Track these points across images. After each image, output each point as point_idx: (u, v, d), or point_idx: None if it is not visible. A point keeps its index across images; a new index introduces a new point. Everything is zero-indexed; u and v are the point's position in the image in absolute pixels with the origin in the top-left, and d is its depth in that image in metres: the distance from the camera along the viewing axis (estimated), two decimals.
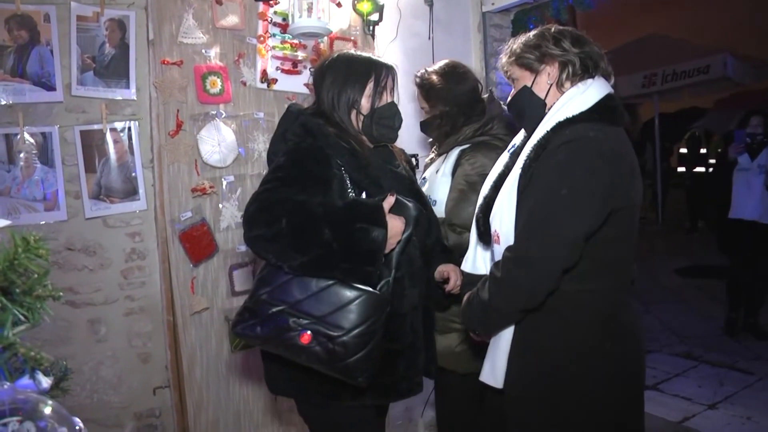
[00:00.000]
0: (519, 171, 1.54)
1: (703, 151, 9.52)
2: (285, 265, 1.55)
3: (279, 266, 1.57)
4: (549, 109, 1.59)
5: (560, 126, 1.51)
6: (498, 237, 1.59)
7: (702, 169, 9.17)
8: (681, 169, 10.07)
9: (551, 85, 1.60)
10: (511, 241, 1.52)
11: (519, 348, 1.59)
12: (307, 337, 1.53)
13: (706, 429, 3.29)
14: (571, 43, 1.57)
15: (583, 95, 1.54)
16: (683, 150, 9.98)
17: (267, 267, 1.63)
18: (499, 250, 1.57)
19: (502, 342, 1.62)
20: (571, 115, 1.51)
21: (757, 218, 4.48)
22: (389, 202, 1.61)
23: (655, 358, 4.32)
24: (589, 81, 1.57)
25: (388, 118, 1.76)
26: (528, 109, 1.65)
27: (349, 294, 1.54)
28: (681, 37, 9.27)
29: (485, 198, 1.71)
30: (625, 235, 1.54)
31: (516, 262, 1.48)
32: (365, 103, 1.74)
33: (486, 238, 1.69)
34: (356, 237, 1.53)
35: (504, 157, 1.76)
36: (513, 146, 1.75)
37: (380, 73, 1.75)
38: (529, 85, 1.63)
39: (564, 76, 1.58)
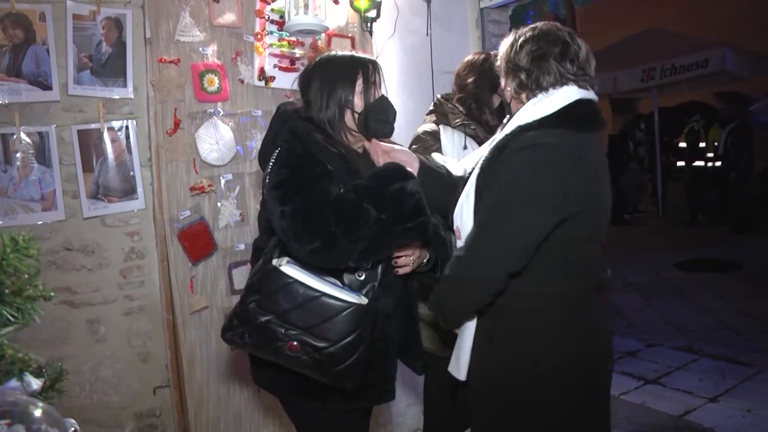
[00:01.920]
0: (477, 170, 1.59)
1: (702, 144, 9.52)
2: (350, 262, 1.57)
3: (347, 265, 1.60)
4: (515, 112, 1.63)
5: (520, 131, 1.54)
6: (459, 233, 1.63)
7: (701, 163, 9.16)
8: (680, 163, 10.07)
9: (510, 94, 1.66)
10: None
11: (478, 344, 1.64)
12: (294, 346, 1.54)
13: (708, 422, 3.29)
14: (530, 58, 1.58)
15: (547, 101, 1.55)
16: (682, 144, 9.98)
17: (257, 274, 1.63)
18: (460, 245, 1.60)
19: (466, 337, 1.67)
20: (531, 120, 1.53)
21: None
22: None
23: (656, 352, 4.32)
24: (557, 88, 1.57)
25: (382, 113, 1.76)
26: (507, 108, 1.73)
27: (336, 306, 1.54)
28: (679, 31, 9.25)
29: (458, 193, 1.73)
30: (585, 239, 1.55)
31: (463, 261, 1.53)
32: (358, 101, 1.73)
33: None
34: (397, 198, 1.55)
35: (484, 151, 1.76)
36: (493, 140, 1.73)
37: (367, 69, 1.75)
38: (503, 86, 1.70)
39: (518, 89, 1.62)
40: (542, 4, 3.25)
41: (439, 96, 2.46)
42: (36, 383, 0.93)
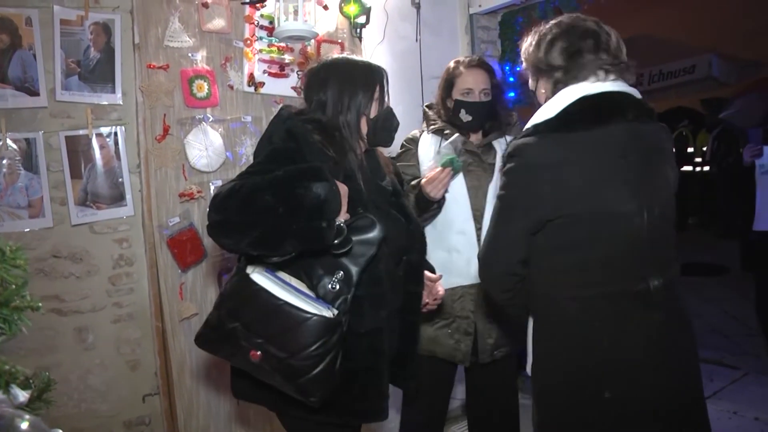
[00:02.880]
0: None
1: (690, 150, 9.60)
2: (242, 249, 1.52)
3: (239, 251, 1.59)
4: None
5: (521, 136, 1.56)
6: None
7: (689, 168, 9.24)
8: None
9: (546, 95, 1.62)
10: None
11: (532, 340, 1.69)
12: (257, 355, 1.50)
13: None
14: (565, 56, 1.55)
15: (549, 105, 1.54)
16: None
17: (230, 281, 1.63)
18: None
19: (528, 336, 1.72)
20: (529, 126, 1.56)
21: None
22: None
23: None
24: (562, 89, 1.54)
25: (389, 122, 1.79)
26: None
27: (297, 316, 1.49)
28: (667, 37, 9.33)
29: None
30: (582, 243, 1.49)
31: (479, 261, 1.67)
32: (374, 108, 1.76)
33: None
34: (299, 196, 1.47)
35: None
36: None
37: (383, 77, 1.79)
38: (533, 89, 1.70)
39: (555, 88, 1.59)
40: (531, 11, 3.27)
41: (425, 104, 2.51)
42: (23, 395, 0.91)
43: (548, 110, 1.53)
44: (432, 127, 2.38)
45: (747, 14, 9.47)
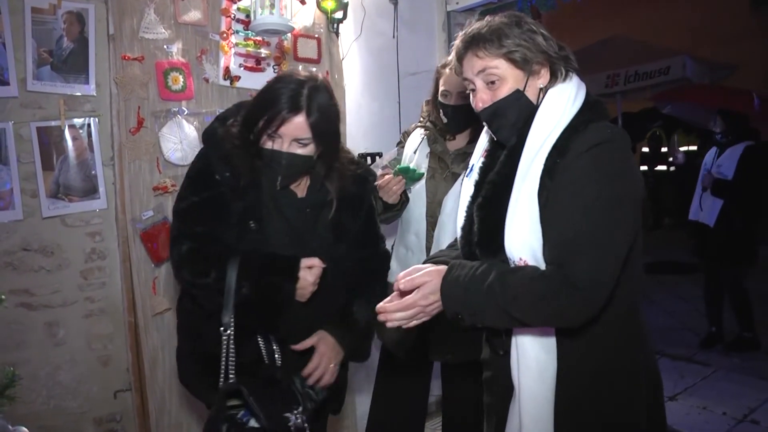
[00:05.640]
0: (533, 187, 1.29)
1: (663, 149, 9.75)
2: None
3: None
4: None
5: (575, 128, 1.32)
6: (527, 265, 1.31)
7: (663, 168, 9.39)
8: (643, 167, 10.30)
9: (541, 89, 1.39)
10: (542, 265, 1.28)
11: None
12: None
13: (667, 420, 3.38)
14: (557, 45, 1.38)
15: (575, 92, 1.38)
16: (645, 149, 10.21)
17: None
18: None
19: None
20: (577, 113, 1.34)
21: (698, 219, 4.52)
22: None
23: None
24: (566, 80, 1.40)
25: (269, 163, 1.69)
26: (518, 118, 1.38)
27: None
28: (642, 38, 9.46)
29: (464, 228, 1.47)
30: (638, 240, 1.35)
31: (566, 282, 1.21)
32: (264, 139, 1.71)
33: None
34: (271, 288, 1.61)
35: (466, 183, 1.54)
36: (471, 168, 1.55)
37: (277, 111, 1.64)
38: (521, 88, 1.37)
39: (551, 83, 1.39)
40: (509, 9, 3.29)
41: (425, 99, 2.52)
42: None
43: (575, 99, 1.38)
44: (419, 123, 2.42)
45: (717, 17, 9.64)
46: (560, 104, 1.35)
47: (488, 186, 1.42)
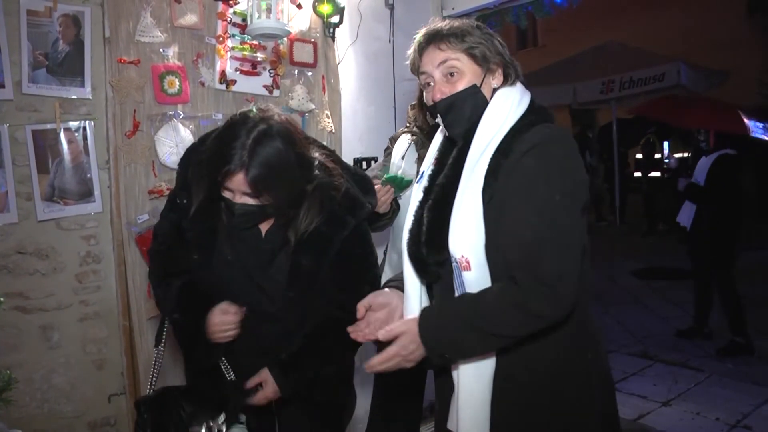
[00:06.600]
0: (477, 186, 1.32)
1: (657, 156, 9.79)
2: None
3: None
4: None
5: (519, 129, 1.36)
6: (468, 263, 1.32)
7: (658, 174, 9.42)
8: (637, 174, 10.35)
9: (494, 89, 1.44)
10: (484, 266, 1.30)
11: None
12: None
13: (660, 425, 3.40)
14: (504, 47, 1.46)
15: (520, 96, 1.43)
16: (639, 156, 10.25)
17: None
18: (473, 277, 1.32)
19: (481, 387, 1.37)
20: (521, 116, 1.39)
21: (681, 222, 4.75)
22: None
23: (613, 358, 4.41)
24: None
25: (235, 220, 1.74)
26: (473, 113, 1.41)
27: None
28: (638, 45, 9.52)
29: (412, 230, 1.49)
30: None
31: (538, 288, 1.22)
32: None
33: (432, 271, 1.45)
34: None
35: (416, 188, 1.56)
36: (421, 175, 1.56)
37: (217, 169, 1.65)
38: (478, 84, 1.42)
39: (503, 85, 1.45)
40: (504, 15, 3.30)
41: (410, 104, 2.54)
42: None
43: (520, 102, 1.42)
44: (406, 128, 2.43)
45: (711, 25, 9.70)
46: (506, 105, 1.40)
47: (437, 189, 1.45)
